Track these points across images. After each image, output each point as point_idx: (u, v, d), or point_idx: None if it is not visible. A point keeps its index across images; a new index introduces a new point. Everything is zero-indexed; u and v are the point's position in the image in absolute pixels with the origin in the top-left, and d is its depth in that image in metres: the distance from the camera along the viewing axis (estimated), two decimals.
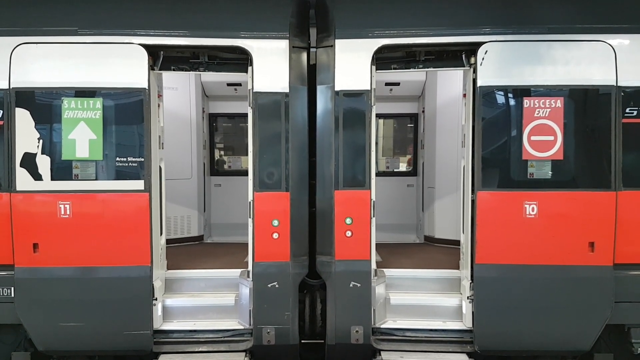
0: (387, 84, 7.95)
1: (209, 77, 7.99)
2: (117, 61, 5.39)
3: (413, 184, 8.74)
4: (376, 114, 5.75)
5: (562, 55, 5.40)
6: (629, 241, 5.41)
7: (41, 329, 5.50)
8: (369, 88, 5.55)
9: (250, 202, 5.63)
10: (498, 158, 5.49)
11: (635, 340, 5.54)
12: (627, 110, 5.38)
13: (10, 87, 5.35)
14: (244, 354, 5.65)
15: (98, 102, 5.39)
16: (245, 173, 5.95)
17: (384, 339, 5.78)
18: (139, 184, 5.44)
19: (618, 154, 5.37)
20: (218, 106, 8.80)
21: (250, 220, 5.63)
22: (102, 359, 5.94)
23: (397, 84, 7.99)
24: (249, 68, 5.58)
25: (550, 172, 5.43)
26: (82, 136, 5.39)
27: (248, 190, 5.66)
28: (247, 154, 5.79)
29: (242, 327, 5.81)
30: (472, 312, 5.61)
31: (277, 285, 5.57)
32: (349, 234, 5.56)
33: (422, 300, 6.01)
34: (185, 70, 5.84)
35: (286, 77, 5.51)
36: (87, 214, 5.41)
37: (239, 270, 6.10)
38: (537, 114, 5.40)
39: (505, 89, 5.45)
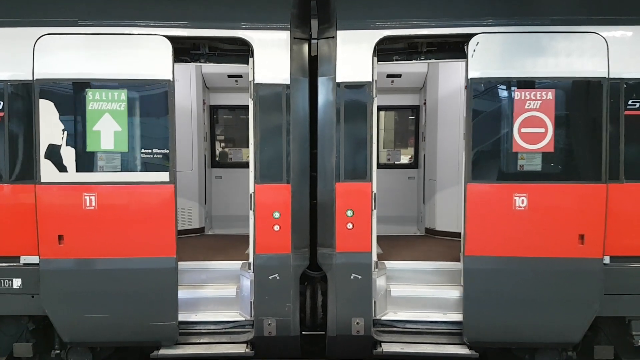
0: (388, 76, 7.92)
1: (210, 68, 7.96)
2: (141, 52, 5.37)
3: (414, 176, 8.73)
4: (377, 106, 5.74)
5: (553, 47, 5.36)
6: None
7: (66, 321, 5.51)
8: (371, 80, 5.53)
9: (251, 195, 5.62)
10: (488, 150, 5.47)
11: (635, 332, 5.55)
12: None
13: (34, 79, 5.33)
14: (245, 345, 5.67)
15: (123, 94, 5.38)
16: (246, 165, 5.95)
17: (384, 331, 5.80)
18: (164, 176, 5.44)
19: (609, 146, 5.35)
20: (219, 98, 8.78)
21: (251, 213, 5.63)
22: (103, 350, 5.98)
23: (399, 75, 7.96)
24: (250, 59, 5.56)
25: (541, 165, 5.42)
26: (107, 128, 5.38)
27: (249, 182, 5.66)
28: (248, 146, 5.78)
29: (243, 319, 5.82)
30: (462, 304, 5.62)
31: (278, 277, 5.58)
32: (350, 226, 5.56)
33: (422, 292, 6.02)
34: (186, 62, 5.83)
35: (287, 68, 5.48)
36: (112, 205, 5.41)
37: (240, 262, 6.11)
38: (528, 106, 5.37)
39: (496, 81, 5.43)
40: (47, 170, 5.36)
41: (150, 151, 5.46)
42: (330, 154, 5.61)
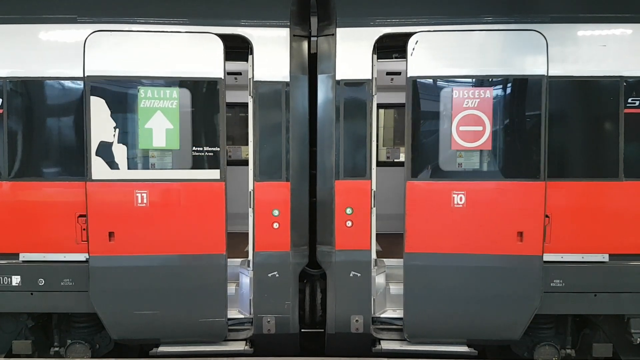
0: (388, 74, 7.91)
1: None
2: (194, 51, 5.36)
3: None
4: (377, 104, 5.73)
5: (491, 44, 5.36)
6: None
7: (116, 318, 5.49)
8: (370, 77, 5.53)
9: (250, 192, 5.62)
10: (427, 148, 5.48)
11: (634, 330, 5.55)
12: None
13: (85, 76, 5.32)
14: (244, 342, 5.68)
15: (175, 92, 5.37)
16: (245, 163, 5.94)
17: (383, 329, 5.81)
18: (215, 173, 5.45)
19: (547, 144, 5.33)
20: None
21: (250, 210, 5.63)
22: (102, 347, 5.97)
23: (399, 73, 7.94)
24: (249, 57, 5.55)
25: (479, 163, 5.42)
26: (158, 125, 5.37)
27: (248, 180, 5.65)
28: (247, 144, 5.77)
29: (242, 316, 5.82)
30: (402, 300, 5.60)
31: (277, 275, 5.58)
32: (349, 223, 5.56)
33: None
34: None
35: (287, 66, 5.48)
36: (164, 202, 5.41)
37: (239, 260, 6.11)
38: (466, 104, 5.37)
39: (434, 80, 5.43)
40: (98, 168, 5.34)
41: (201, 149, 5.46)
42: (330, 152, 5.61)
